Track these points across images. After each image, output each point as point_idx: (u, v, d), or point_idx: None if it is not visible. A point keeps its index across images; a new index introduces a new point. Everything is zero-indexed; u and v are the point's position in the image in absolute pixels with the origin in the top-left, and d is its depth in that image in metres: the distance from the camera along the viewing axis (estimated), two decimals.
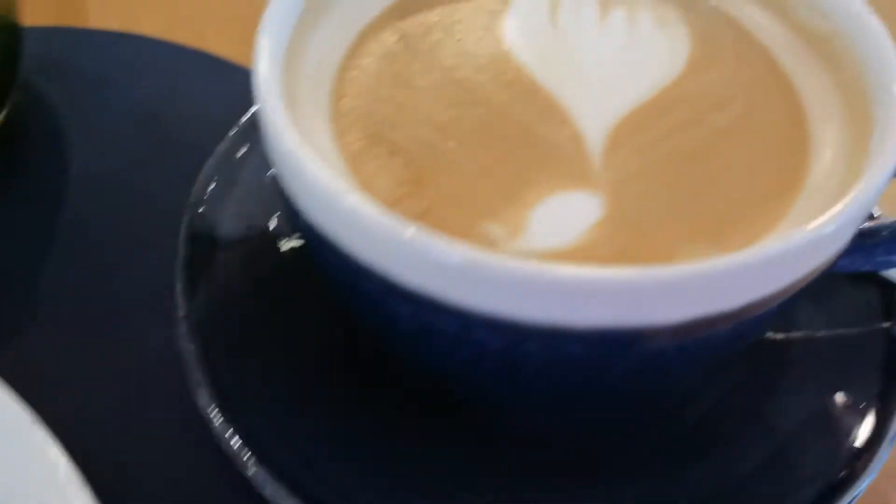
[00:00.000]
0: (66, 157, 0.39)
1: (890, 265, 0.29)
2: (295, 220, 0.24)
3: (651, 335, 0.22)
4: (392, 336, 0.26)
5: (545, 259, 0.23)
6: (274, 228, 0.32)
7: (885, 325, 0.31)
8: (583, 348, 0.22)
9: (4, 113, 0.38)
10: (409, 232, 0.20)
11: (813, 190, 0.24)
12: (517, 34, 0.28)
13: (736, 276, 0.21)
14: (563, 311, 0.21)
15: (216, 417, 0.27)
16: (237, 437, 0.26)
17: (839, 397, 0.29)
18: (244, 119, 0.34)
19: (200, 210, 0.31)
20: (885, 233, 0.28)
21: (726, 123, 0.26)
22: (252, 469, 0.26)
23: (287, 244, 0.32)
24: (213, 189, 0.32)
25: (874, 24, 0.26)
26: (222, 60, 0.43)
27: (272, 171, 0.25)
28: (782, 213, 0.24)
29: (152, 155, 0.39)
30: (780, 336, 0.31)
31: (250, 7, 0.47)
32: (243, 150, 0.33)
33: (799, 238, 0.21)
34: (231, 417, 0.27)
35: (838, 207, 0.22)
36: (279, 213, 0.32)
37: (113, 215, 0.36)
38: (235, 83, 0.36)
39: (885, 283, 0.31)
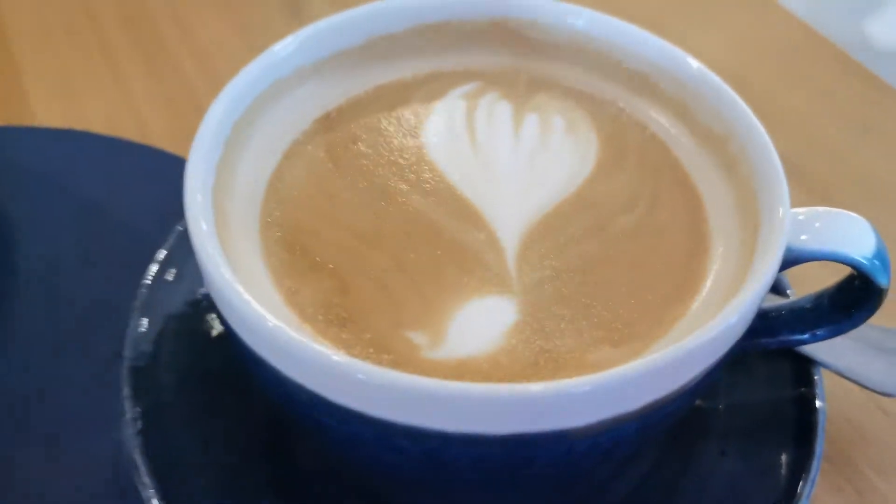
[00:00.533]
0: (10, 256, 0.40)
1: (795, 343, 0.30)
2: (227, 332, 0.26)
3: (565, 436, 0.23)
4: (323, 439, 0.27)
5: (466, 366, 0.24)
6: (218, 330, 0.33)
7: (798, 392, 0.33)
8: (498, 451, 0.23)
9: None
10: (333, 357, 0.22)
11: (710, 288, 0.26)
12: (437, 144, 0.30)
13: (638, 382, 0.23)
14: (478, 422, 0.22)
15: None
16: None
17: (755, 464, 0.31)
18: None
19: (145, 316, 0.32)
20: (785, 312, 0.30)
21: (632, 224, 0.28)
22: None
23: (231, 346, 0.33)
24: (157, 292, 0.33)
25: (760, 129, 0.28)
26: (166, 153, 0.44)
27: None
28: (683, 311, 0.26)
29: (98, 252, 0.40)
30: (698, 405, 0.33)
31: (193, 99, 0.49)
32: (187, 251, 0.34)
33: (688, 346, 0.23)
34: None
35: (725, 311, 0.24)
36: None
37: (57, 313, 0.37)
38: (181, 175, 0.37)
39: (798, 356, 0.33)
